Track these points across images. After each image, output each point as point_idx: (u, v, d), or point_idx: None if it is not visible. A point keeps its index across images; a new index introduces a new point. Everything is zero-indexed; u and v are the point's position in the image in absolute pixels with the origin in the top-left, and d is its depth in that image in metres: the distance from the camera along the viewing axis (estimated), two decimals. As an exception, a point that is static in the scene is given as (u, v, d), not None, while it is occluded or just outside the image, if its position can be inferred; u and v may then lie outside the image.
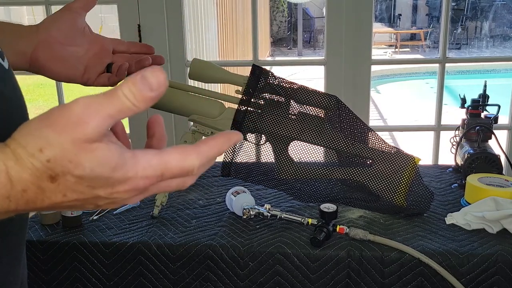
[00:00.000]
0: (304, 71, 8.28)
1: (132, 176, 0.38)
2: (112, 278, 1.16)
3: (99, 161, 0.36)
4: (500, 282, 1.06)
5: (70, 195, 0.37)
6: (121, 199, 0.40)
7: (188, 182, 0.42)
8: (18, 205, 0.37)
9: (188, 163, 0.39)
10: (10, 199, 0.36)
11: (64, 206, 0.39)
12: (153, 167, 0.38)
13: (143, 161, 0.38)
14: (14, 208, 0.37)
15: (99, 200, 0.39)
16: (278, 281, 1.11)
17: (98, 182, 0.37)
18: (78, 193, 0.37)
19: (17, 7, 7.86)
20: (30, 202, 0.37)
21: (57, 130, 0.35)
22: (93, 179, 0.37)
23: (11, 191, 0.36)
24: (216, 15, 3.98)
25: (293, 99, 1.24)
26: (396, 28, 11.99)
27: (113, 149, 0.37)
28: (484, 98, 1.52)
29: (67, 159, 0.36)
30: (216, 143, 0.41)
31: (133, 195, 0.40)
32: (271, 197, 1.38)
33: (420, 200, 1.25)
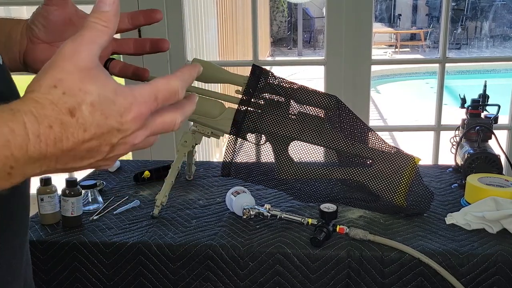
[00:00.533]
0: (304, 71, 8.27)
1: (132, 101, 0.43)
2: (112, 278, 1.16)
3: (102, 85, 0.42)
4: (500, 282, 1.06)
5: (89, 129, 0.41)
6: (130, 133, 0.43)
7: (179, 117, 0.47)
8: (48, 146, 0.40)
9: (172, 83, 0.45)
10: (40, 138, 0.39)
11: (84, 149, 0.42)
12: (147, 91, 0.44)
13: (137, 88, 0.43)
14: (44, 150, 0.40)
15: (112, 136, 0.43)
16: (278, 281, 1.11)
17: (107, 107, 0.41)
18: (95, 125, 0.41)
19: (17, 7, 7.87)
20: (58, 141, 0.40)
21: (60, 66, 0.41)
22: (102, 104, 0.41)
23: (40, 128, 0.39)
24: (216, 15, 3.98)
25: (293, 99, 1.24)
26: (396, 28, 11.99)
27: (109, 76, 0.43)
28: (484, 98, 1.52)
29: (77, 88, 0.41)
30: (188, 68, 0.49)
31: (138, 125, 0.44)
32: (271, 197, 1.38)
33: (420, 200, 1.25)
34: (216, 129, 1.26)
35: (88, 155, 0.43)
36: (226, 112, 1.25)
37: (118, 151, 0.45)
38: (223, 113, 1.26)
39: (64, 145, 0.41)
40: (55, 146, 0.40)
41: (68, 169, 0.44)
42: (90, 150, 0.43)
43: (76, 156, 0.42)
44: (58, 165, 0.42)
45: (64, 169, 0.44)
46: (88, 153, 0.43)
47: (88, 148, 0.42)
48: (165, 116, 0.46)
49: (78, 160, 0.43)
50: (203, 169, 1.63)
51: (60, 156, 0.41)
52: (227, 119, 1.25)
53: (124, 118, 0.42)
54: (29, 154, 0.40)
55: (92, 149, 0.43)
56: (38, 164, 0.41)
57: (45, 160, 0.41)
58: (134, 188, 1.49)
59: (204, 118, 1.26)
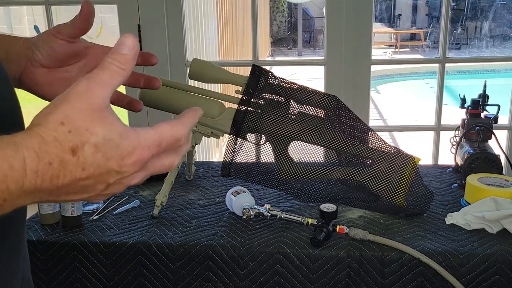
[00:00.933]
0: (304, 71, 8.27)
1: (136, 146, 0.43)
2: (112, 278, 1.16)
3: (109, 127, 0.42)
4: (500, 282, 1.06)
5: (88, 169, 0.41)
6: (128, 175, 0.44)
7: (176, 160, 0.48)
8: (44, 181, 0.40)
9: (177, 131, 0.46)
10: (38, 174, 0.40)
11: (80, 186, 0.43)
12: (152, 137, 0.44)
13: (142, 132, 0.44)
14: (39, 185, 0.40)
15: (110, 177, 0.43)
16: (278, 281, 1.11)
17: (110, 150, 0.42)
18: (95, 166, 0.42)
19: (17, 7, 7.86)
20: (54, 178, 0.41)
21: (71, 103, 0.42)
22: (105, 146, 0.42)
23: (39, 165, 0.40)
24: (216, 15, 3.98)
25: (293, 99, 1.24)
26: (396, 28, 11.99)
27: (117, 118, 0.44)
28: (484, 98, 1.52)
29: (84, 128, 0.41)
30: (191, 114, 0.49)
31: (138, 168, 0.44)
32: (271, 197, 1.38)
33: (420, 200, 1.25)
34: (216, 129, 1.26)
35: (82, 190, 0.44)
36: (226, 112, 1.26)
37: (113, 189, 0.45)
38: (223, 113, 1.26)
39: (60, 182, 0.41)
40: (51, 182, 0.41)
41: (60, 201, 0.45)
42: (85, 187, 0.43)
43: (70, 191, 0.43)
44: (51, 197, 0.43)
45: (56, 201, 0.45)
46: (83, 188, 0.43)
47: (83, 185, 0.43)
48: (164, 159, 0.47)
49: (71, 195, 0.44)
50: (203, 169, 1.63)
51: (54, 191, 0.42)
52: (227, 119, 1.25)
53: (125, 162, 0.43)
54: (24, 188, 0.40)
55: (87, 186, 0.43)
56: (30, 197, 0.42)
57: (38, 193, 0.42)
58: (134, 188, 1.49)
59: (204, 118, 1.26)
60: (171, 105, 1.27)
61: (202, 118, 1.26)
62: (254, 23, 2.16)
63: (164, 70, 2.15)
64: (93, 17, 0.64)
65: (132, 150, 0.43)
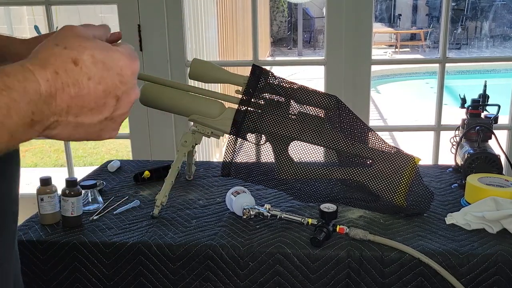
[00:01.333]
0: (304, 71, 8.27)
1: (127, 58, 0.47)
2: (112, 278, 1.16)
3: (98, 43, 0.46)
4: (500, 282, 1.06)
5: (94, 78, 0.44)
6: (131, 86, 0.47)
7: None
8: (57, 90, 0.43)
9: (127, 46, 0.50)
10: (49, 81, 0.42)
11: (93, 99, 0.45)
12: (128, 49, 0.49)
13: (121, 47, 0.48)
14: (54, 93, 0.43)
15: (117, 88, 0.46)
16: (278, 281, 1.11)
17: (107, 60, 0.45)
18: (99, 76, 0.44)
19: (17, 7, 7.85)
20: (65, 86, 0.43)
21: (59, 34, 0.45)
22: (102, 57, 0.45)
23: (47, 74, 0.42)
24: (216, 15, 3.97)
25: (293, 99, 1.24)
26: (396, 28, 11.98)
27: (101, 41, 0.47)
28: (484, 98, 1.52)
29: (77, 44, 0.44)
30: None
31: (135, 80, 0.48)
32: (271, 197, 1.38)
33: (420, 200, 1.24)
34: (216, 129, 1.26)
35: (97, 108, 0.45)
36: (226, 112, 1.26)
37: (123, 106, 0.47)
38: (223, 113, 1.26)
39: (72, 91, 0.43)
40: (63, 91, 0.43)
41: (80, 125, 0.45)
42: (97, 101, 0.45)
43: (85, 107, 0.44)
44: (70, 116, 0.44)
45: (77, 124, 0.45)
46: (96, 105, 0.45)
47: (95, 98, 0.45)
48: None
49: (88, 113, 0.45)
50: (203, 169, 1.63)
51: (70, 104, 0.43)
52: (227, 119, 1.25)
53: (124, 71, 0.46)
54: (42, 96, 0.42)
55: (99, 99, 0.45)
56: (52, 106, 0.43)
57: (56, 105, 0.43)
58: (134, 188, 1.49)
59: (204, 118, 1.26)
60: (171, 105, 1.27)
61: (202, 118, 1.26)
62: (254, 23, 2.17)
63: (164, 70, 2.15)
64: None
65: (129, 62, 0.46)
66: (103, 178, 1.56)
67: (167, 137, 2.22)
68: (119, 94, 0.46)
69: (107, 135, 0.48)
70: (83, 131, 0.46)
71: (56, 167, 4.95)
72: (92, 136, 0.47)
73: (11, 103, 0.40)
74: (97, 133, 0.47)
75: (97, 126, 0.46)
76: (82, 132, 0.46)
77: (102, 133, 0.47)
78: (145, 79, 1.29)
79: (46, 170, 4.62)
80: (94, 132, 0.47)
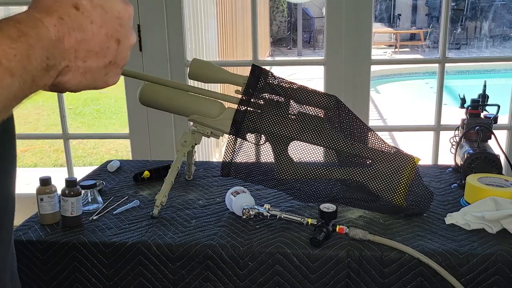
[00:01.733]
0: (304, 71, 8.27)
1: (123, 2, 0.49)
2: (112, 278, 1.16)
3: None
4: (500, 282, 1.06)
5: (96, 22, 0.46)
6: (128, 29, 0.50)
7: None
8: (65, 34, 0.44)
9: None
10: (56, 27, 0.44)
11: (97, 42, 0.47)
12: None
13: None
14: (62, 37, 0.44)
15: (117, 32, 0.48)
16: (277, 281, 1.11)
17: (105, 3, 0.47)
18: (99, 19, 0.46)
19: (17, 7, 7.87)
20: (71, 30, 0.45)
21: None
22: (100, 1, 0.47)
23: (53, 20, 0.44)
24: (216, 15, 3.97)
25: (293, 99, 1.24)
26: (396, 28, 11.99)
27: None
28: (483, 98, 1.52)
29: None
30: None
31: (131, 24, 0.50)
32: (271, 197, 1.38)
33: (419, 200, 1.24)
34: (216, 129, 1.26)
35: (101, 51, 0.47)
36: (226, 112, 1.26)
37: (123, 50, 0.49)
38: (223, 113, 1.26)
39: (78, 35, 0.45)
40: (70, 35, 0.45)
41: (89, 69, 0.47)
42: (101, 45, 0.47)
43: (91, 50, 0.47)
44: (79, 61, 0.46)
45: (85, 69, 0.47)
46: (101, 48, 0.47)
47: (99, 41, 0.47)
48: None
49: (94, 57, 0.47)
50: (202, 169, 1.63)
51: (77, 48, 0.46)
52: (227, 119, 1.25)
53: (122, 14, 0.48)
54: (52, 41, 0.44)
55: (103, 42, 0.47)
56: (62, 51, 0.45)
57: (65, 50, 0.45)
58: (134, 188, 1.49)
59: (204, 118, 1.26)
60: (171, 105, 1.27)
61: (202, 118, 1.26)
62: (254, 23, 2.17)
63: (164, 70, 2.15)
64: None
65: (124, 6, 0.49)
66: (103, 178, 1.56)
67: (166, 137, 2.22)
68: (119, 37, 0.48)
69: (111, 80, 0.51)
70: (90, 76, 0.48)
71: (55, 167, 4.95)
72: (99, 82, 0.49)
73: (29, 49, 0.42)
74: (103, 79, 0.49)
75: (103, 70, 0.48)
76: (90, 78, 0.48)
77: (107, 77, 0.50)
78: (145, 79, 1.29)
79: (45, 170, 4.62)
80: (100, 77, 0.49)
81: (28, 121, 6.28)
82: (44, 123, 6.43)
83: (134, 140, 2.28)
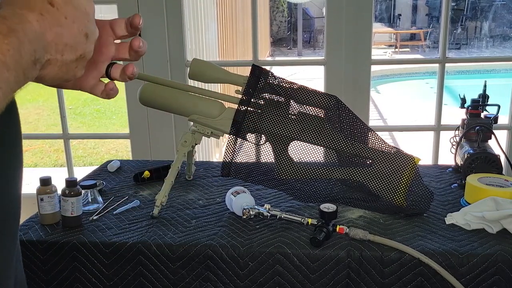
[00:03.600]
0: (304, 71, 8.28)
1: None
2: (112, 278, 1.16)
3: None
4: (500, 282, 1.06)
5: (69, 16, 0.49)
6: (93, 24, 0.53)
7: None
8: (46, 28, 0.47)
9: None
10: (39, 22, 0.46)
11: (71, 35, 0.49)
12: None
13: None
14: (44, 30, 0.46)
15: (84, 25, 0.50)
16: (278, 281, 1.11)
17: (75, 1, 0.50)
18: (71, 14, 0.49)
19: (17, 7, 7.85)
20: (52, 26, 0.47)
21: None
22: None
23: (35, 15, 0.46)
24: (216, 15, 3.97)
25: (293, 99, 1.24)
26: (396, 28, 11.99)
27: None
28: (484, 98, 1.52)
29: None
30: None
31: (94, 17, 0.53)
32: (271, 197, 1.38)
33: (420, 200, 1.24)
34: (216, 129, 1.26)
35: (74, 45, 0.50)
36: (226, 112, 1.26)
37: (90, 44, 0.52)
38: (223, 113, 1.26)
39: (57, 30, 0.48)
40: (50, 29, 0.47)
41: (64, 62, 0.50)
42: (74, 39, 0.50)
43: (67, 44, 0.49)
44: (58, 54, 0.49)
45: (62, 63, 0.49)
46: (74, 42, 0.50)
47: (73, 35, 0.49)
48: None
49: (69, 51, 0.49)
50: (203, 169, 1.63)
51: (56, 42, 0.48)
52: (227, 119, 1.25)
53: (88, 10, 0.51)
54: (37, 35, 0.46)
55: (76, 37, 0.50)
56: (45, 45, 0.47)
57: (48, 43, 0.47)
58: (134, 188, 1.49)
59: (204, 118, 1.26)
60: (171, 105, 1.27)
61: (202, 118, 1.26)
62: (254, 23, 2.17)
63: (164, 70, 2.15)
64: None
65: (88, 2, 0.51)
66: (103, 178, 1.56)
67: (167, 137, 2.22)
68: (88, 32, 0.51)
69: (79, 73, 0.53)
70: (65, 69, 0.50)
71: (56, 167, 4.95)
72: (70, 75, 0.52)
73: (20, 44, 0.44)
74: (73, 71, 0.52)
75: (74, 63, 0.51)
76: (64, 70, 0.50)
77: (76, 70, 0.52)
78: (145, 79, 1.29)
79: (46, 170, 4.62)
80: (71, 70, 0.51)
81: (28, 121, 6.29)
82: (44, 123, 6.43)
83: (134, 140, 2.28)
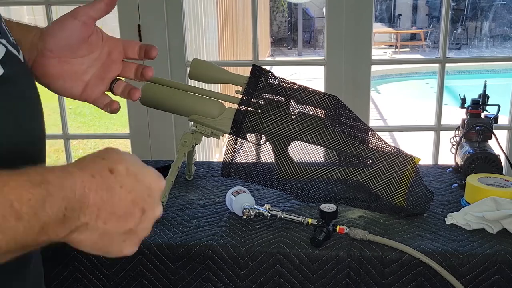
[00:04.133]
0: (304, 71, 8.27)
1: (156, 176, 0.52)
2: (112, 278, 1.16)
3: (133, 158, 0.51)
4: (500, 282, 1.06)
5: (125, 187, 0.47)
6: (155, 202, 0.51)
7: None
8: (91, 191, 0.45)
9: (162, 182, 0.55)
10: (84, 183, 0.45)
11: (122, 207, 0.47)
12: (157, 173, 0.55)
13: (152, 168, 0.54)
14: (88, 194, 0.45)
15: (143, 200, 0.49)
16: (278, 281, 1.11)
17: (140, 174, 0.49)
18: (130, 186, 0.48)
19: (17, 7, 7.86)
20: (99, 190, 0.46)
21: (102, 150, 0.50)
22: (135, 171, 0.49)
23: (83, 176, 0.45)
24: (216, 15, 3.98)
25: (293, 99, 1.24)
26: (396, 28, 11.99)
27: None
28: (484, 98, 1.51)
29: (115, 156, 0.49)
30: None
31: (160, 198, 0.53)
32: (271, 197, 1.38)
33: (420, 200, 1.25)
34: (216, 129, 1.26)
35: (124, 216, 0.48)
36: (226, 112, 1.26)
37: (146, 219, 0.50)
38: (223, 113, 1.26)
39: (104, 195, 0.46)
40: (96, 193, 0.46)
41: (107, 232, 0.47)
42: (125, 210, 0.48)
43: (114, 213, 0.47)
44: (99, 221, 0.46)
45: (104, 232, 0.47)
46: (124, 213, 0.48)
47: (124, 206, 0.48)
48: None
49: (115, 221, 0.47)
50: (203, 169, 1.63)
51: (100, 207, 0.46)
52: (227, 119, 1.25)
53: (153, 186, 0.50)
54: (77, 194, 0.45)
55: (128, 208, 0.48)
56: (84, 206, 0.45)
57: (88, 206, 0.45)
58: (134, 188, 1.49)
59: (204, 118, 1.26)
60: (171, 105, 1.27)
61: (202, 118, 1.26)
62: (254, 23, 2.17)
63: (164, 70, 2.15)
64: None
65: (156, 179, 0.51)
66: (103, 178, 1.56)
67: (167, 137, 2.22)
68: (145, 207, 0.49)
69: (127, 249, 0.50)
70: (107, 240, 0.48)
71: (56, 167, 4.94)
72: (114, 248, 0.50)
73: (47, 195, 0.42)
74: (120, 245, 0.49)
75: (121, 237, 0.48)
76: (107, 241, 0.48)
77: (124, 245, 0.50)
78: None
79: (46, 170, 4.61)
80: (117, 243, 0.49)
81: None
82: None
83: (134, 140, 2.28)
